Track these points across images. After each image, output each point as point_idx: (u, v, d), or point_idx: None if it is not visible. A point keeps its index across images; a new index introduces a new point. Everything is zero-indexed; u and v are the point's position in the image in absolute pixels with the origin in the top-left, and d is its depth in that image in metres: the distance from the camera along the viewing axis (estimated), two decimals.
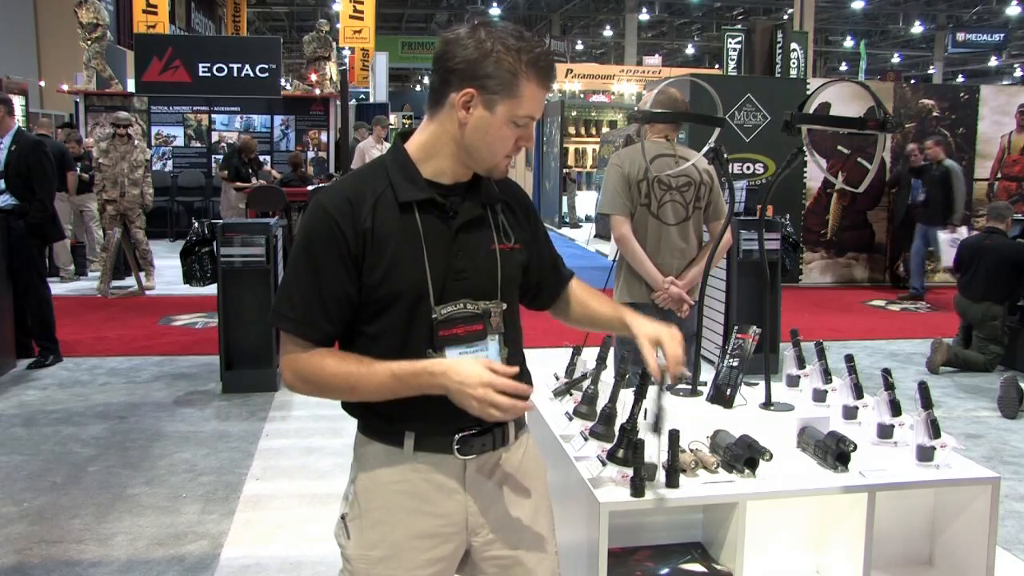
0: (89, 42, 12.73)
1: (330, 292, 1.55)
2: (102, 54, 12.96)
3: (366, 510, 1.65)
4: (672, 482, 1.97)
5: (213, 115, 13.77)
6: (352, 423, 1.71)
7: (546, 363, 1.77)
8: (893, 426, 2.27)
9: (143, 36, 14.88)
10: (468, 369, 1.48)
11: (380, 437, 1.64)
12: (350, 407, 1.67)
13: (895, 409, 2.28)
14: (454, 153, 1.58)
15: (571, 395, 2.34)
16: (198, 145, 13.76)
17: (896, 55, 37.59)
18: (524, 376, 1.74)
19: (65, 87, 14.40)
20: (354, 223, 1.53)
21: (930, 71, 35.13)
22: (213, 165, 13.61)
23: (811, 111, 2.46)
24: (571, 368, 2.48)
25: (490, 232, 1.64)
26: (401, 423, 1.61)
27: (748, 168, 9.77)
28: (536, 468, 1.78)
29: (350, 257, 1.54)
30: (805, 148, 2.28)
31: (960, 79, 37.96)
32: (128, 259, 9.24)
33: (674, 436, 1.99)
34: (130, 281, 9.35)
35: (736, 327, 2.40)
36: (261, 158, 12.46)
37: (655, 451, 2.00)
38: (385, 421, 1.62)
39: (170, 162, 13.64)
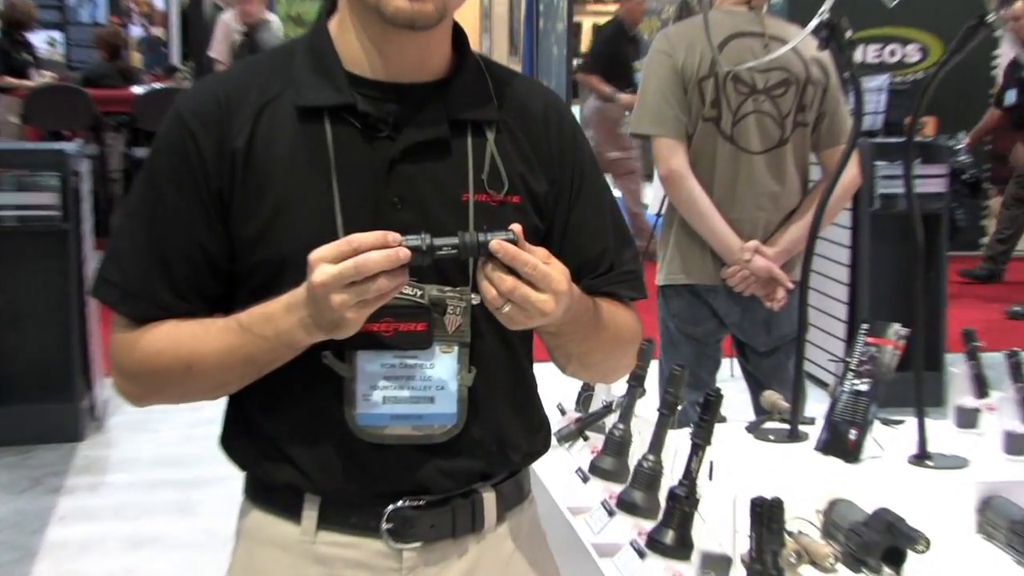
0: None
1: (176, 247, 1.17)
2: None
3: None
4: None
5: None
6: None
7: (547, 387, 1.34)
8: None
9: None
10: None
11: (267, 501, 1.21)
12: (229, 447, 1.23)
13: None
14: (360, 15, 1.15)
15: (586, 439, 1.91)
16: None
17: None
18: (537, 421, 1.31)
19: None
20: (220, 138, 1.15)
21: None
22: None
23: None
24: (586, 395, 2.03)
25: (463, 170, 1.19)
26: (301, 479, 1.18)
27: (892, 54, 7.58)
28: (537, 572, 1.34)
29: (208, 191, 1.16)
30: (995, 16, 1.70)
31: None
32: None
33: (776, 510, 1.44)
34: None
35: (866, 326, 1.95)
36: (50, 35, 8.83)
37: (729, 531, 1.51)
38: (276, 474, 1.18)
39: None
